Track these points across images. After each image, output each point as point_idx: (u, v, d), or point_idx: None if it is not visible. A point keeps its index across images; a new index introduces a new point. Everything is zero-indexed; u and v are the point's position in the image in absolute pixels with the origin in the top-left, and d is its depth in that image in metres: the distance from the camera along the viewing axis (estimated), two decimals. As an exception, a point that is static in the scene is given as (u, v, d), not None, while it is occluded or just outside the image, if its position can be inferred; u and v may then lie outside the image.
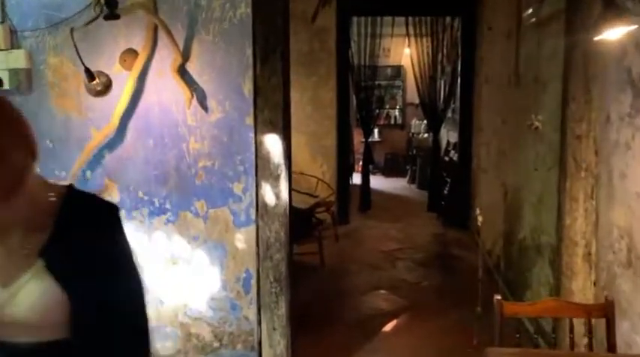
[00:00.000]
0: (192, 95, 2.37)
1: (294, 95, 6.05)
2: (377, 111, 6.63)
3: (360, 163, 11.87)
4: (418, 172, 9.21)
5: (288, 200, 2.52)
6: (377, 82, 6.49)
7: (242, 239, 2.46)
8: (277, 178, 2.46)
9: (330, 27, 5.89)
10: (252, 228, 2.46)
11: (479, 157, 5.40)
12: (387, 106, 11.73)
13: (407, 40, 7.18)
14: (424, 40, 6.40)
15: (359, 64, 6.18)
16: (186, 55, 2.40)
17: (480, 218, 3.07)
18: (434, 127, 6.10)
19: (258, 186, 2.45)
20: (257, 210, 2.45)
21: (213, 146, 2.45)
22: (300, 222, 4.27)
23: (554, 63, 2.77)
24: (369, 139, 11.55)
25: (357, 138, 11.33)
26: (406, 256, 4.99)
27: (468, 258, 4.90)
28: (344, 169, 6.12)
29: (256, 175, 2.45)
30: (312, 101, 5.95)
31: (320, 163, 6.02)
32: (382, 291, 4.08)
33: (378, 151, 11.74)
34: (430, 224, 6.20)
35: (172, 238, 2.49)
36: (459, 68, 5.90)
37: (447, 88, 6.05)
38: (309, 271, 4.50)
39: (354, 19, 6.04)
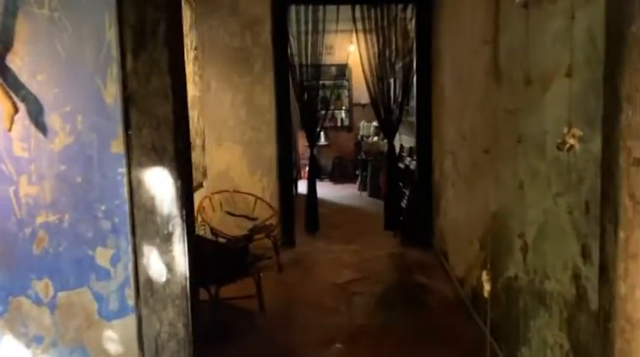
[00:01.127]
0: (16, 109, 1.41)
1: (225, 98, 5.09)
2: (322, 112, 5.76)
3: (306, 168, 11.13)
4: (369, 179, 8.47)
5: (187, 271, 1.60)
6: (321, 82, 5.64)
7: (115, 339, 1.52)
8: (168, 238, 1.54)
9: (264, 17, 4.99)
10: (131, 320, 1.53)
11: (442, 167, 4.66)
12: (333, 107, 10.99)
13: (353, 35, 6.36)
14: (372, 34, 5.61)
15: (300, 63, 5.29)
16: (3, 42, 1.44)
17: (487, 287, 2.24)
18: (388, 133, 5.32)
19: (136, 252, 1.52)
20: (137, 291, 1.53)
21: (60, 191, 1.50)
22: (231, 262, 3.35)
23: (563, 54, 2.00)
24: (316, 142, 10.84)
25: (303, 141, 10.52)
26: (364, 289, 4.16)
27: (437, 287, 4.14)
28: (287, 183, 5.23)
29: (133, 234, 1.52)
30: (246, 104, 5.02)
31: (259, 177, 5.10)
32: (338, 345, 3.23)
33: (325, 155, 10.94)
34: (388, 244, 5.41)
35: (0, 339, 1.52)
36: (414, 64, 5.15)
37: (400, 88, 5.28)
38: (245, 321, 3.58)
39: (293, 7, 5.16)
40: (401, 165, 6.34)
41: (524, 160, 2.54)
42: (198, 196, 4.46)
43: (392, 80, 5.44)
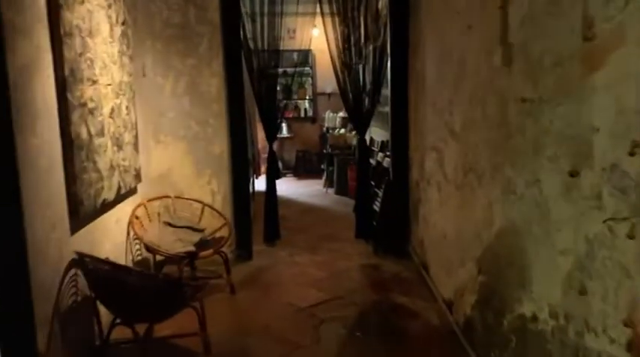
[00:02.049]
0: None
1: (164, 84, 4.27)
2: (284, 103, 4.98)
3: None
4: (336, 175, 7.77)
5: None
6: (281, 69, 4.87)
7: None
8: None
9: (211, -11, 4.17)
10: None
11: (422, 167, 3.98)
12: (296, 97, 10.23)
13: (317, 18, 5.59)
14: (339, 17, 4.85)
15: (255, 48, 4.49)
16: None
17: None
18: (359, 126, 4.60)
19: None
20: None
21: None
22: (162, 297, 2.57)
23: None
24: (277, 135, 10.04)
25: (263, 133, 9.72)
26: (334, 314, 3.46)
27: (419, 309, 3.49)
28: (242, 185, 4.45)
29: None
30: (190, 92, 4.20)
31: (207, 179, 4.31)
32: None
33: (288, 147, 10.20)
34: (359, 252, 4.73)
35: None
36: (388, 48, 4.44)
37: (371, 75, 4.55)
38: (184, 369, 2.82)
39: (245, -23, 4.36)
40: (371, 161, 5.66)
41: (552, 167, 1.87)
42: (130, 204, 3.64)
43: (362, 66, 4.72)
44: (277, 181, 4.82)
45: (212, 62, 4.19)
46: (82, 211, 2.76)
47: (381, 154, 5.38)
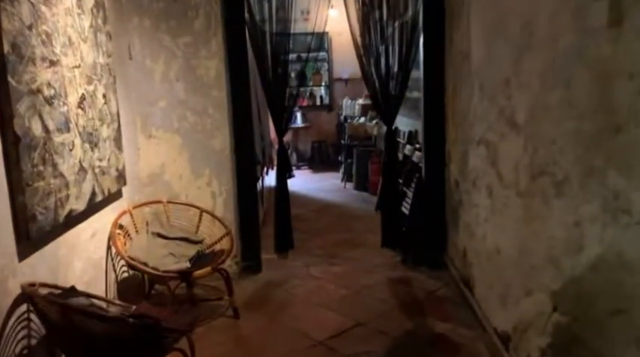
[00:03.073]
0: None
1: (151, 67, 3.57)
2: (297, 90, 4.27)
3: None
4: (355, 169, 7.09)
5: None
6: (294, 55, 4.14)
7: None
8: None
9: (208, -48, 3.49)
10: None
11: (465, 163, 3.28)
12: (311, 83, 9.54)
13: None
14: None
15: (262, 30, 3.78)
16: None
17: None
18: (386, 115, 3.88)
19: None
20: None
21: None
22: (136, 347, 1.93)
23: None
24: (291, 125, 9.37)
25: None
26: (357, 348, 2.80)
27: (463, 340, 2.81)
28: (248, 185, 3.80)
29: None
30: (185, 77, 3.55)
31: (207, 180, 3.66)
32: None
33: (303, 138, 9.53)
34: (385, 262, 4.06)
35: None
36: (420, 21, 3.71)
37: (399, 55, 3.82)
38: None
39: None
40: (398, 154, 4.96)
41: None
42: (112, 212, 3.02)
43: (388, 46, 3.98)
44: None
45: (210, 41, 3.51)
46: (35, 229, 2.14)
47: (408, 147, 4.67)
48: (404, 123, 5.16)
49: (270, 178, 6.44)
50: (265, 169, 5.00)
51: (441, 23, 3.60)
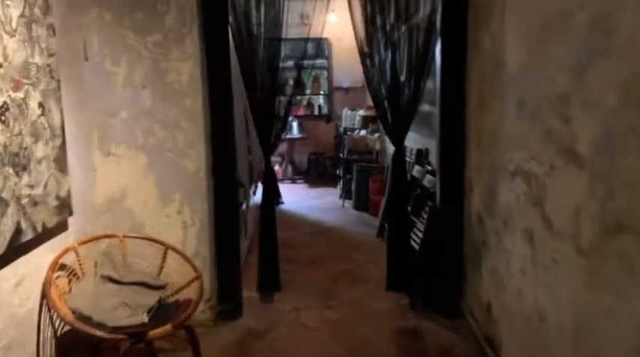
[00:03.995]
0: None
1: (112, 70, 2.83)
2: (288, 98, 3.60)
3: (276, 167, 9.04)
4: (354, 187, 6.47)
5: None
6: (289, 63, 3.51)
7: None
8: None
9: None
10: None
11: (491, 196, 2.65)
12: (309, 92, 8.96)
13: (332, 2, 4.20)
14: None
15: (249, 33, 3.15)
16: None
17: None
18: (395, 132, 3.25)
19: None
20: None
21: None
22: None
23: None
24: (287, 136, 8.74)
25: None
26: None
27: None
28: (227, 213, 3.16)
29: None
30: (152, 82, 2.93)
31: (177, 207, 3.03)
32: None
33: (300, 149, 8.91)
34: (390, 307, 3.42)
35: None
36: (437, 22, 3.10)
37: (411, 61, 3.20)
38: None
39: None
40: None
41: None
42: (48, 252, 2.39)
43: (396, 51, 3.36)
44: (285, 189, 3.54)
45: (184, 40, 2.90)
46: None
47: (418, 168, 4.05)
48: (412, 139, 4.54)
49: (258, 197, 5.82)
50: (254, 187, 4.36)
51: (462, 23, 3.00)
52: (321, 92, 8.95)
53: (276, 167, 8.70)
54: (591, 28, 1.66)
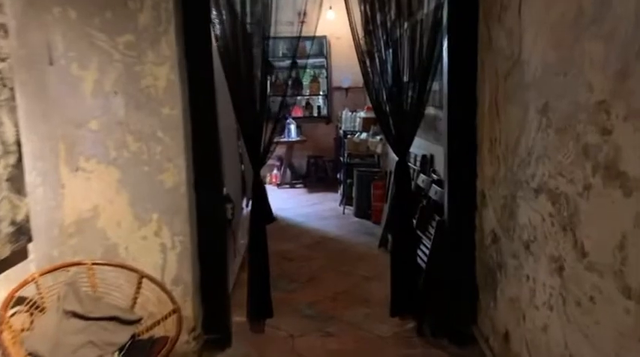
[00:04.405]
0: None
1: (79, 75, 2.25)
2: (283, 105, 3.26)
3: (274, 171, 8.71)
4: (355, 192, 6.16)
5: None
6: (285, 62, 3.17)
7: None
8: None
9: None
10: None
11: (509, 213, 2.33)
12: (308, 92, 8.65)
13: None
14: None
15: (234, 28, 2.81)
16: None
17: None
18: (398, 141, 2.90)
19: None
20: None
21: None
22: None
23: None
24: (285, 138, 8.41)
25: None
26: None
27: None
28: (212, 233, 2.84)
29: None
30: (125, 88, 2.61)
31: (155, 227, 2.71)
32: None
33: (298, 153, 8.59)
34: (396, 332, 3.10)
35: None
36: (443, 16, 2.77)
37: (415, 61, 2.87)
38: None
39: None
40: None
41: None
42: (3, 284, 2.09)
43: (401, 50, 3.01)
44: (283, 194, 3.21)
45: (160, 41, 2.58)
46: None
47: (423, 178, 3.72)
48: (415, 144, 4.20)
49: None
50: (246, 200, 4.05)
51: (472, 18, 2.67)
52: (321, 92, 8.62)
53: (274, 171, 8.39)
54: (639, 20, 1.34)
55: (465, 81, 2.74)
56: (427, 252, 3.16)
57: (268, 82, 2.86)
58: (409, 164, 3.58)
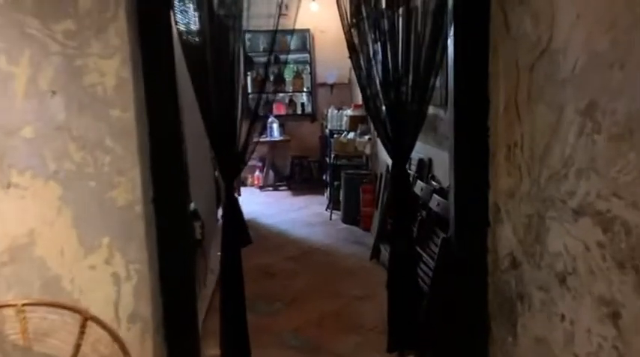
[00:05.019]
0: None
1: (8, 71, 2.02)
2: (258, 107, 2.79)
3: (256, 173, 8.23)
4: (343, 196, 5.74)
5: None
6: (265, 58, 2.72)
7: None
8: None
9: None
10: None
11: (535, 237, 1.92)
12: (291, 89, 8.21)
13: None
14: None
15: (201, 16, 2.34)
16: None
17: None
18: (395, 147, 2.46)
19: None
20: None
21: None
22: None
23: None
24: (267, 138, 7.93)
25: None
26: None
27: None
28: (177, 257, 2.37)
29: None
30: (66, 87, 2.13)
31: (106, 254, 2.24)
32: None
33: (281, 153, 8.14)
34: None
35: None
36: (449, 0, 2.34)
37: (407, 55, 2.43)
38: None
39: None
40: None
41: None
42: None
43: (398, 41, 2.57)
44: (265, 197, 2.76)
45: (107, 27, 2.11)
46: None
47: (421, 184, 3.31)
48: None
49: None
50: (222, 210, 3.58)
51: (484, 0, 2.25)
52: (305, 89, 8.19)
53: (257, 173, 7.93)
54: None
55: (474, 75, 2.32)
56: (427, 271, 2.74)
57: (249, 79, 2.40)
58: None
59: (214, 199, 3.38)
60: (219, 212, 3.60)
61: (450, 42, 2.36)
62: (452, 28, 2.33)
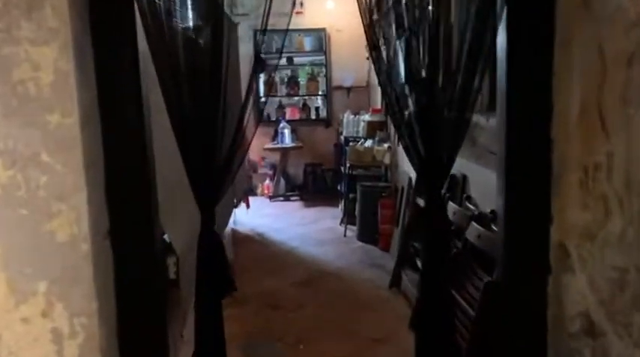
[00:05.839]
0: None
1: None
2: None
3: (267, 182, 7.68)
4: (359, 211, 5.18)
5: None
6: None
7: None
8: None
9: None
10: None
11: (628, 297, 1.33)
12: (305, 92, 7.71)
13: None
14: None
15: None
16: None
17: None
18: (429, 168, 1.87)
19: None
20: None
21: None
22: None
23: None
24: (279, 145, 7.40)
25: (261, 141, 7.17)
26: None
27: None
28: (141, 307, 1.84)
29: None
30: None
31: (43, 304, 1.71)
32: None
33: (294, 160, 7.62)
34: None
35: None
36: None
37: (461, 47, 1.86)
38: None
39: None
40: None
41: None
42: None
43: (431, 38, 1.99)
44: (276, 208, 2.22)
45: (42, 5, 1.59)
46: None
47: (454, 208, 2.71)
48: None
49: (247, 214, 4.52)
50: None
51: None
52: (320, 92, 7.66)
53: (267, 182, 7.40)
54: None
55: (533, 73, 1.74)
56: (463, 319, 2.16)
57: (220, 84, 1.84)
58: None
59: (198, 225, 2.82)
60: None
61: (502, 28, 1.78)
62: (505, 10, 1.75)
